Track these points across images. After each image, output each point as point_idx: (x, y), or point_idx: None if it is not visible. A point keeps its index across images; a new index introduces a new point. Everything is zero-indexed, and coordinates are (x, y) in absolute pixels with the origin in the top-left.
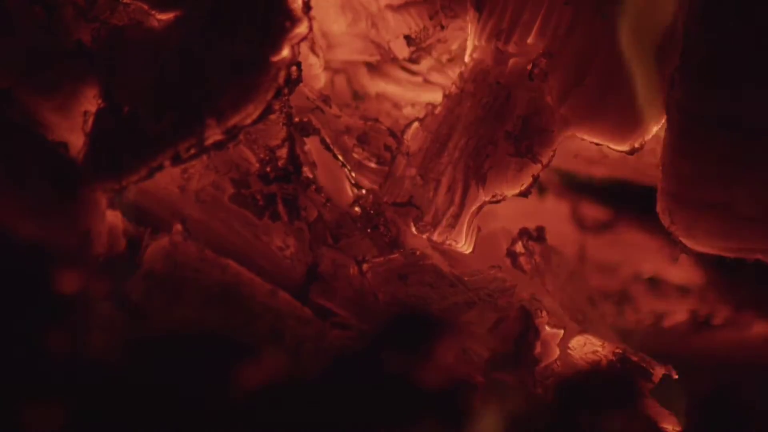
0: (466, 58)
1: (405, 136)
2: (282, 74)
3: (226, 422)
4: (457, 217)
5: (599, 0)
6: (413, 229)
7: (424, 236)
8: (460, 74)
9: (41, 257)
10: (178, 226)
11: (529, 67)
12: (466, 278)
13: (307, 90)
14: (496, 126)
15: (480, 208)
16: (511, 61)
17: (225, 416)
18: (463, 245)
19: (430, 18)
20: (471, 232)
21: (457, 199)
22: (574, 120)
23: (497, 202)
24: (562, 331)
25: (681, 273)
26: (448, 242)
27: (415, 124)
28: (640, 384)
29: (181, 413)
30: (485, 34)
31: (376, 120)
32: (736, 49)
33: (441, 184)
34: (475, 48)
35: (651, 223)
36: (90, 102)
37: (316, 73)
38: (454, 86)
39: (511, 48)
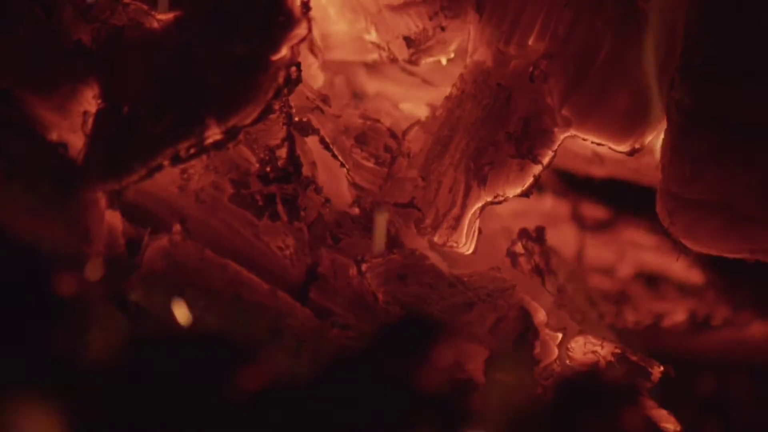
0: (467, 60)
1: (406, 138)
2: (282, 74)
3: (226, 422)
4: (458, 218)
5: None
6: (416, 232)
7: (426, 238)
8: (461, 76)
9: (40, 257)
10: (178, 226)
11: (530, 68)
12: (465, 278)
13: (307, 90)
14: (497, 127)
15: (481, 209)
16: (512, 63)
17: (225, 416)
18: (465, 246)
19: (430, 19)
20: (472, 234)
21: (458, 200)
22: (575, 121)
23: (499, 203)
24: (560, 334)
25: (680, 273)
26: (449, 244)
27: (416, 126)
28: (639, 384)
29: (180, 413)
30: (486, 36)
31: (377, 120)
32: (736, 49)
33: (442, 186)
34: (475, 50)
35: (651, 223)
36: (90, 102)
37: (314, 73)
38: (454, 88)
39: (511, 50)
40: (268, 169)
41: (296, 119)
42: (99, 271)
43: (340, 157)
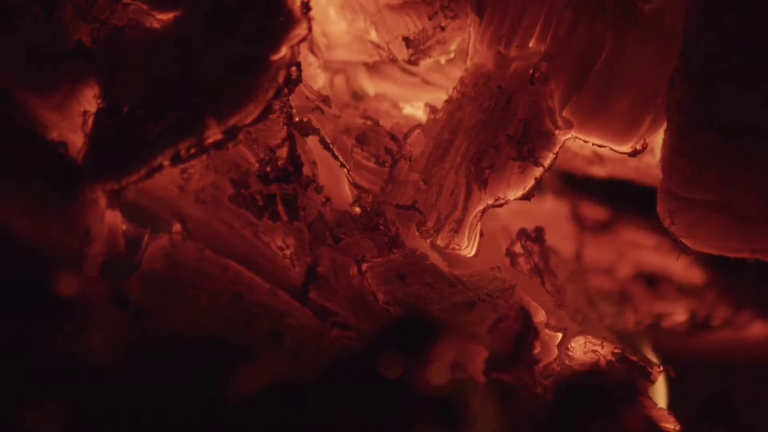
0: (467, 63)
1: (407, 141)
2: (282, 74)
3: (226, 422)
4: (460, 221)
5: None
6: (417, 234)
7: (428, 241)
8: (461, 79)
9: (40, 257)
10: (178, 226)
11: (531, 71)
12: (465, 278)
13: (307, 90)
14: (498, 130)
15: (483, 211)
16: (512, 66)
17: (225, 416)
18: (467, 249)
19: (429, 19)
20: (474, 236)
21: (459, 203)
22: (577, 123)
23: (500, 206)
24: (560, 334)
25: (680, 273)
26: (451, 247)
27: (417, 130)
28: (639, 384)
29: (180, 414)
30: (486, 38)
31: (377, 123)
32: (736, 49)
33: (444, 189)
34: (475, 52)
35: (651, 223)
36: (89, 102)
37: (314, 73)
38: (455, 91)
39: (512, 52)
40: (268, 169)
41: (296, 119)
42: (98, 271)
43: (340, 157)
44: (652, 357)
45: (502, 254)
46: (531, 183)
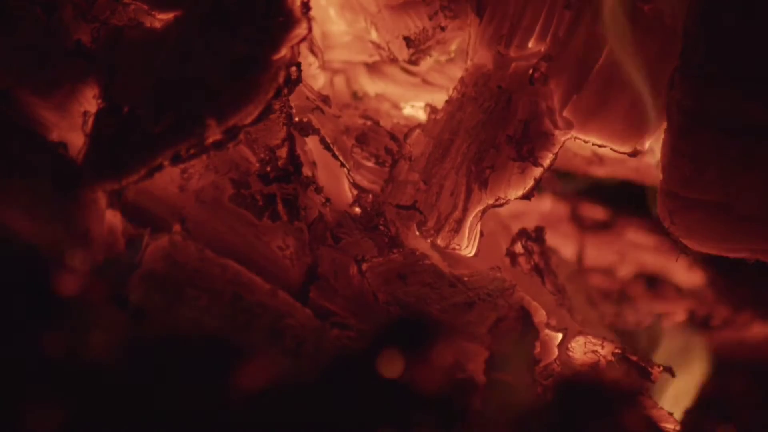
0: (467, 63)
1: (407, 141)
2: (282, 74)
3: (226, 423)
4: (460, 221)
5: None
6: (417, 234)
7: (428, 241)
8: (461, 79)
9: (40, 257)
10: (178, 226)
11: (530, 71)
12: (465, 278)
13: (307, 90)
14: (498, 130)
15: (483, 212)
16: (512, 66)
17: (225, 417)
18: (467, 249)
19: (430, 19)
20: (474, 236)
21: (459, 203)
22: (576, 123)
23: (500, 205)
24: (560, 335)
25: (680, 273)
26: (451, 246)
27: (417, 130)
28: (639, 384)
29: (180, 414)
30: (486, 38)
31: (377, 123)
32: (736, 48)
33: (444, 189)
34: (475, 52)
35: (651, 223)
36: (90, 102)
37: (314, 73)
38: (455, 91)
39: (512, 52)
40: (268, 169)
41: (296, 119)
42: (98, 271)
43: (340, 157)
44: (652, 357)
45: (502, 254)
46: (531, 183)
